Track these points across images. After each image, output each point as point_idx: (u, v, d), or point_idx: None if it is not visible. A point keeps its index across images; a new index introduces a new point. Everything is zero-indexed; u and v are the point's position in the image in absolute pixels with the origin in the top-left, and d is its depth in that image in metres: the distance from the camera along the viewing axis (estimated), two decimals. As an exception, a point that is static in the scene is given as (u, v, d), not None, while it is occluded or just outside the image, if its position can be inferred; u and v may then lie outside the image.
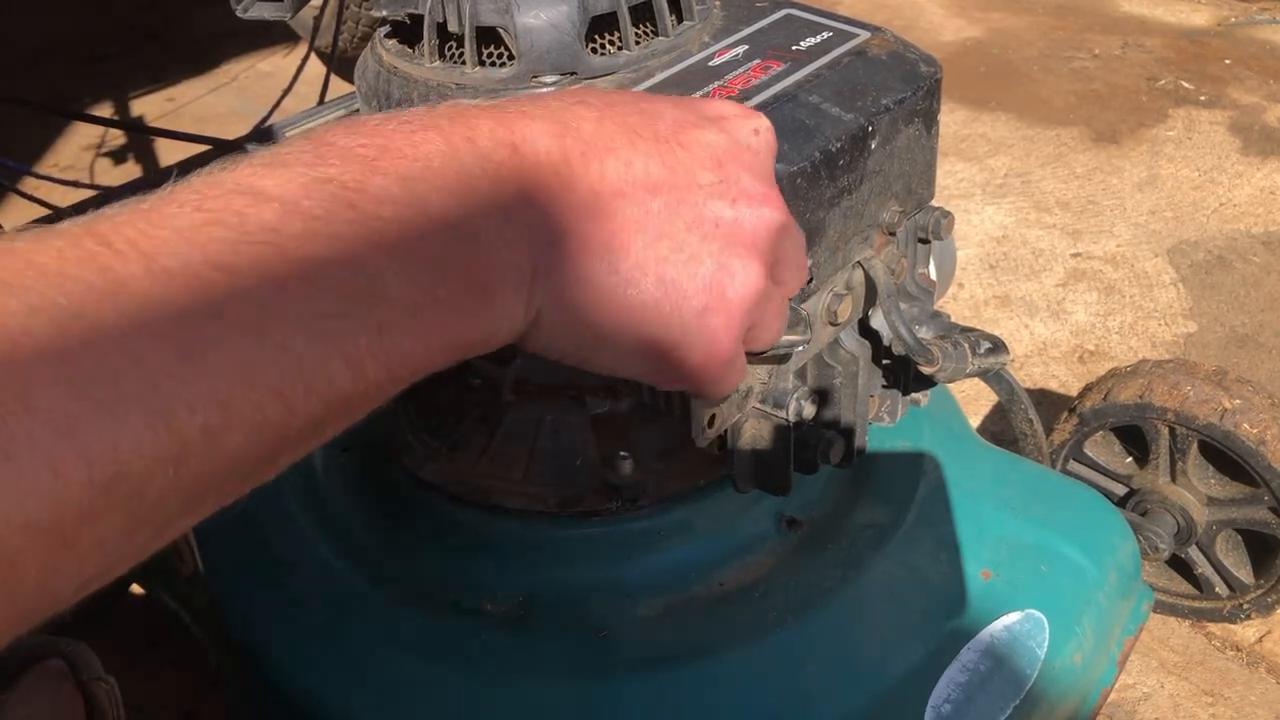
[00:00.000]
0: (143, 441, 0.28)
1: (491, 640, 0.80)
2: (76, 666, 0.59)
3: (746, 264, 0.44)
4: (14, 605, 0.26)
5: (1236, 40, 3.16)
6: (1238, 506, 1.27)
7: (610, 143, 0.41)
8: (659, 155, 0.42)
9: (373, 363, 0.34)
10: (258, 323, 0.31)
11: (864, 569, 0.85)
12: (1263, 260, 2.20)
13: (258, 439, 0.31)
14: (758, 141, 0.47)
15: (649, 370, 0.44)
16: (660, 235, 0.42)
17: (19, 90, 3.05)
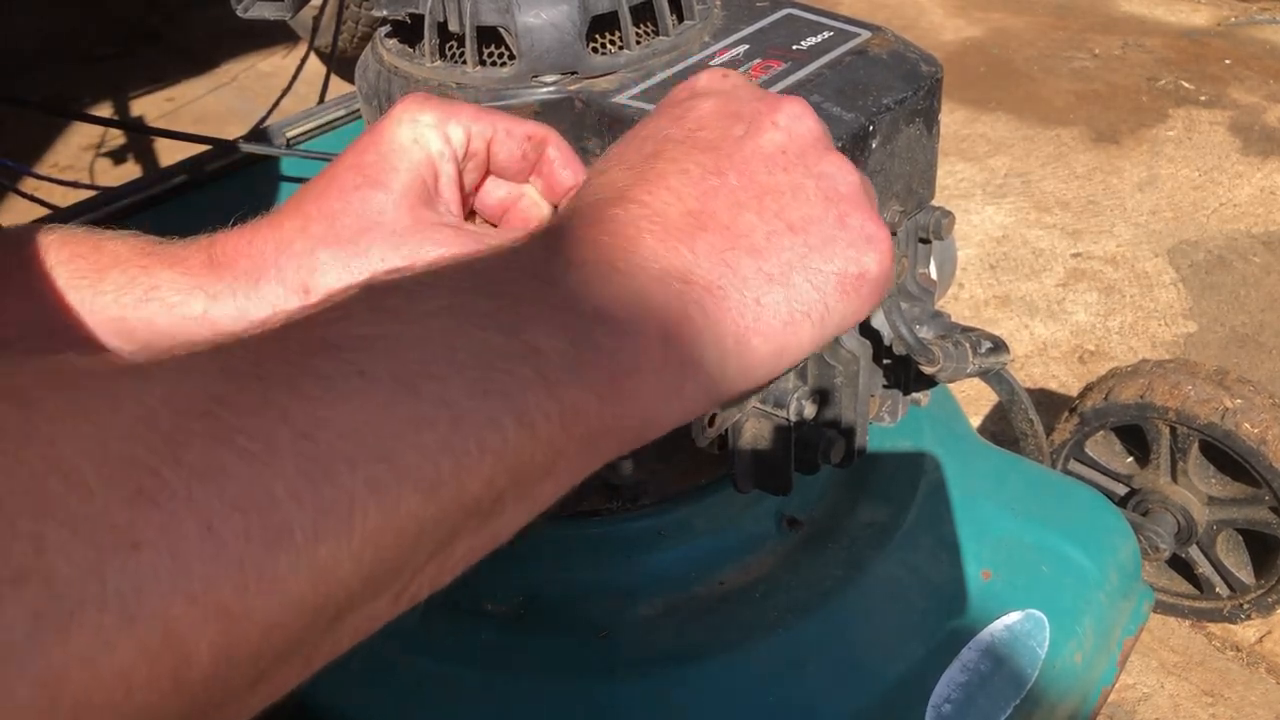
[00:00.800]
0: (303, 492, 0.26)
1: (491, 640, 0.80)
2: None
3: (825, 160, 0.44)
4: (180, 693, 0.24)
5: (1237, 40, 3.16)
6: (1238, 506, 1.27)
7: (658, 168, 0.42)
8: (694, 151, 0.42)
9: (544, 421, 0.32)
10: (408, 379, 0.29)
11: (865, 569, 0.85)
12: (1263, 260, 2.20)
13: (433, 500, 0.29)
14: (734, 79, 0.48)
15: (854, 302, 0.43)
16: (759, 194, 0.42)
17: (19, 90, 3.05)
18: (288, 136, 1.33)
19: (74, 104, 3.04)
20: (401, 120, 0.52)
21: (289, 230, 0.51)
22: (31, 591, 0.22)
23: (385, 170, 0.51)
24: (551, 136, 0.56)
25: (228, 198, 1.19)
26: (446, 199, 0.53)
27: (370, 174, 0.51)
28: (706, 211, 0.40)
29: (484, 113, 0.55)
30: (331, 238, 0.50)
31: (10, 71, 3.32)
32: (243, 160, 1.24)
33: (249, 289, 0.50)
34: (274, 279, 0.50)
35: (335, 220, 0.50)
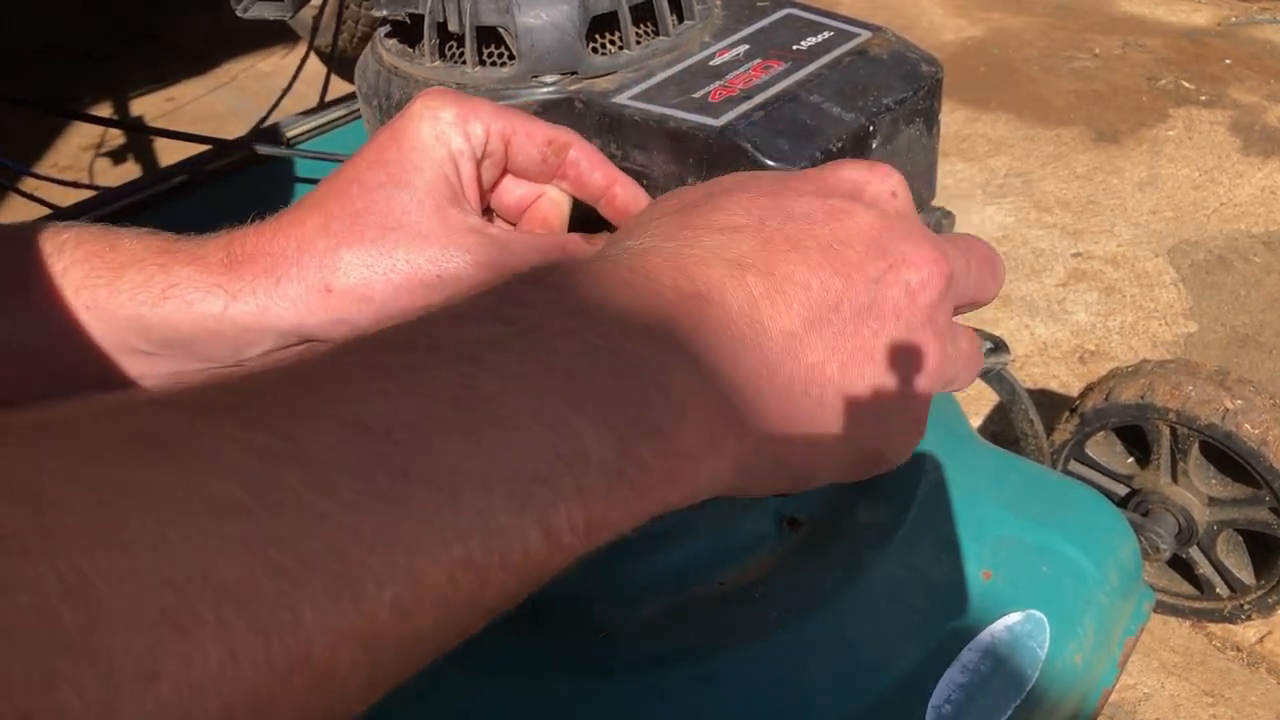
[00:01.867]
0: (328, 616, 0.25)
1: (491, 640, 0.80)
2: None
3: (928, 340, 0.42)
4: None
5: (1237, 40, 3.16)
6: (1239, 507, 1.27)
7: (786, 269, 0.39)
8: (830, 266, 0.40)
9: (570, 533, 0.32)
10: (451, 485, 0.27)
11: (865, 569, 0.85)
12: (1263, 260, 2.20)
13: (447, 613, 0.28)
14: (900, 203, 0.45)
15: (855, 474, 0.43)
16: (853, 350, 0.40)
17: (19, 90, 3.05)
18: (288, 136, 1.33)
19: (74, 104, 3.04)
20: (423, 117, 0.52)
21: (310, 228, 0.50)
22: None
23: (408, 169, 0.51)
24: (574, 140, 0.56)
25: (228, 198, 1.18)
26: (468, 197, 0.53)
27: (393, 172, 0.51)
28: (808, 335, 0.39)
29: (503, 111, 0.54)
30: (354, 237, 0.49)
31: (10, 71, 3.32)
32: (243, 160, 1.24)
33: (270, 287, 0.49)
34: (295, 277, 0.49)
35: (358, 219, 0.49)
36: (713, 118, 0.66)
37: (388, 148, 0.52)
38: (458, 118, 0.53)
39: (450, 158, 0.52)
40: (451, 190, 0.52)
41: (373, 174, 0.51)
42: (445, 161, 0.52)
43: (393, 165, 0.51)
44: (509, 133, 0.54)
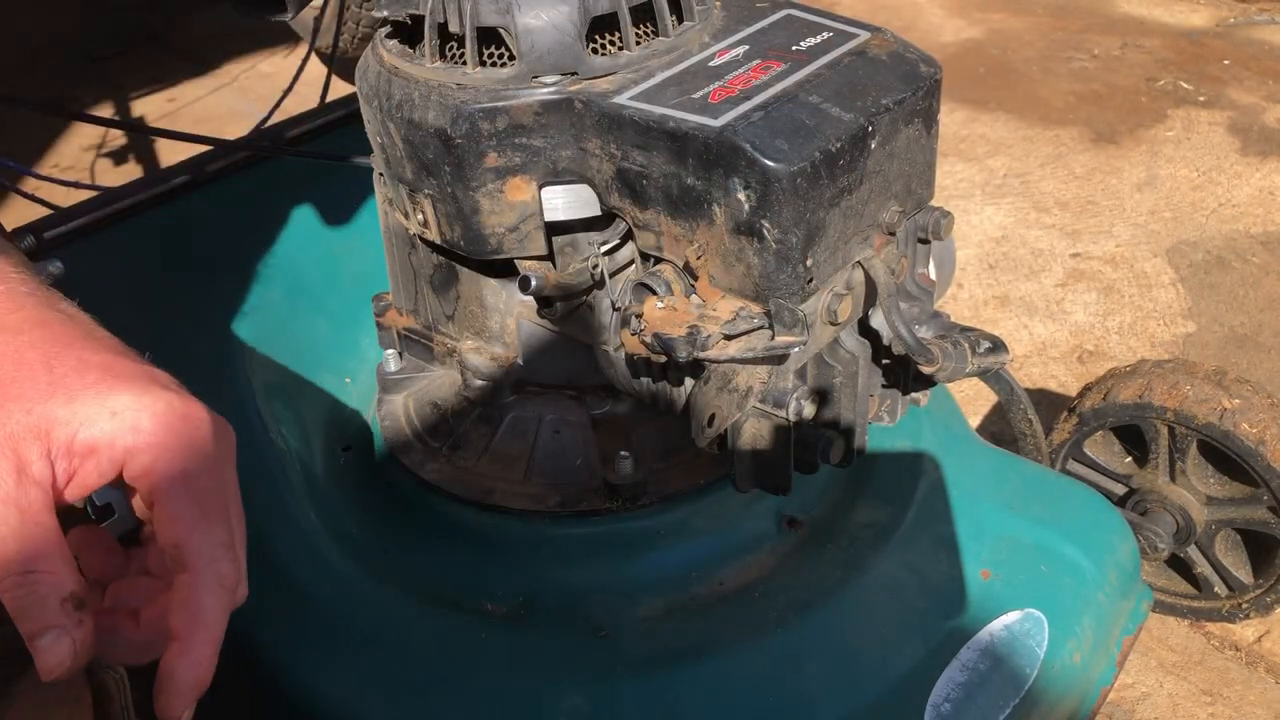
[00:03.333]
0: None
1: (491, 640, 0.80)
2: None
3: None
4: None
5: (1235, 40, 3.16)
6: (1237, 506, 1.27)
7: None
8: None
9: None
10: None
11: (864, 569, 0.85)
12: (1261, 260, 2.20)
13: None
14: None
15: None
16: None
17: (19, 90, 3.05)
18: (289, 137, 1.33)
19: (74, 104, 3.04)
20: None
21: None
22: None
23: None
24: (198, 581, 0.52)
25: (229, 198, 1.18)
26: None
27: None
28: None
29: (181, 485, 0.52)
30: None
31: (10, 71, 3.32)
32: (244, 161, 1.24)
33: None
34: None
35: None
36: (712, 118, 0.67)
37: (83, 370, 0.53)
38: (144, 434, 0.51)
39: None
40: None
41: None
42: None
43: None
44: (160, 498, 0.52)
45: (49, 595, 0.48)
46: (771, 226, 0.66)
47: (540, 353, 0.86)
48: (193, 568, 0.51)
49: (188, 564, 0.51)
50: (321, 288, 1.10)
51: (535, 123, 0.71)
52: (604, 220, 0.76)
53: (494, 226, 0.76)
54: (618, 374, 0.82)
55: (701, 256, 0.71)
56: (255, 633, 0.83)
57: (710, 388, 0.70)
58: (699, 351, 0.67)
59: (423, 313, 0.92)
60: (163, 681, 0.52)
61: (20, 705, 0.54)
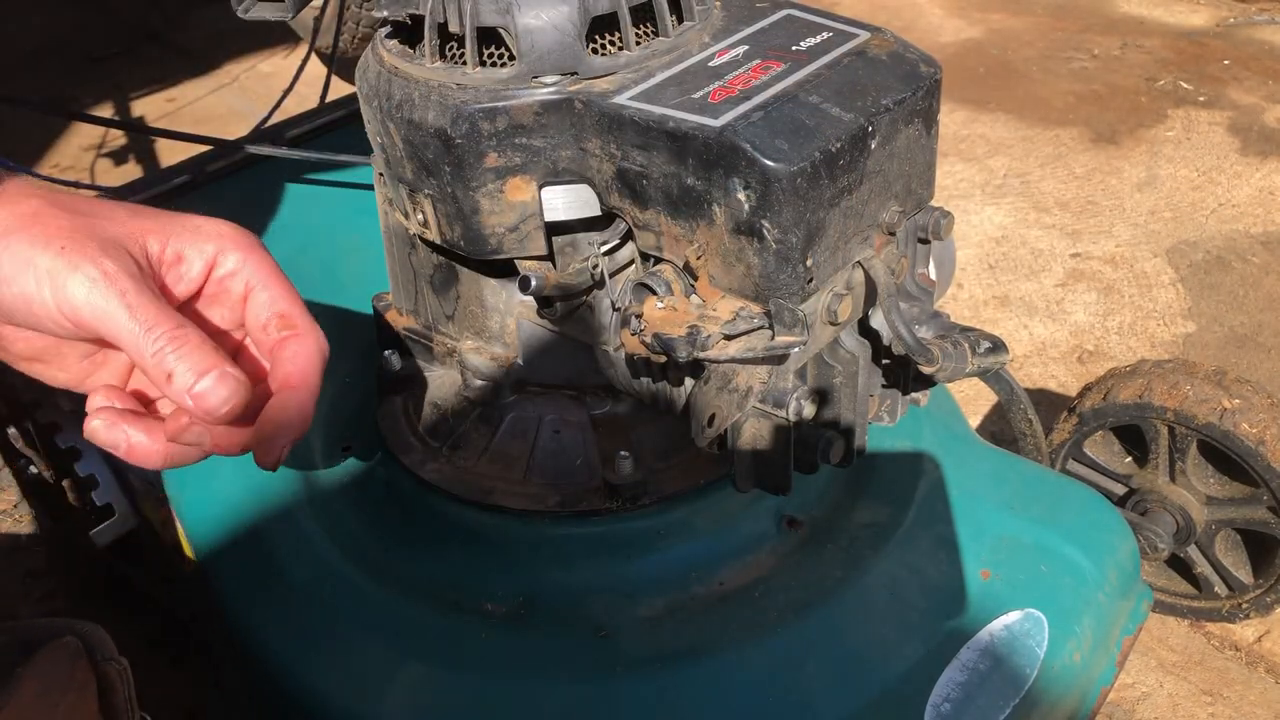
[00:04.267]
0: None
1: (491, 640, 0.80)
2: (91, 646, 0.60)
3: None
4: None
5: (1235, 41, 3.17)
6: (1237, 506, 1.27)
7: None
8: None
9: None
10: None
11: (864, 569, 0.85)
12: (1261, 260, 2.20)
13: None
14: None
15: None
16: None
17: (19, 90, 3.05)
18: (289, 137, 1.33)
19: (74, 104, 3.04)
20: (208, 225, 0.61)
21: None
22: None
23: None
24: (306, 337, 0.61)
25: (229, 198, 1.19)
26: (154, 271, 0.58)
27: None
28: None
29: (270, 272, 0.61)
30: (41, 238, 0.54)
31: (10, 71, 3.32)
32: (244, 160, 1.24)
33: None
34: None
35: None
36: (712, 118, 0.67)
37: (153, 209, 0.59)
38: (226, 239, 0.60)
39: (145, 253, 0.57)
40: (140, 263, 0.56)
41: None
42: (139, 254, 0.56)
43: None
44: (254, 285, 0.60)
45: (204, 344, 0.53)
46: (771, 226, 0.66)
47: (540, 353, 0.86)
48: (302, 328, 0.59)
49: (297, 326, 0.59)
50: (321, 288, 1.10)
51: (535, 123, 0.71)
52: (604, 220, 0.76)
53: (494, 226, 0.76)
54: (618, 374, 0.82)
55: (701, 256, 0.71)
56: (256, 632, 0.83)
57: (710, 388, 0.70)
58: (699, 351, 0.67)
59: (423, 313, 0.92)
60: (268, 424, 0.57)
61: (24, 691, 0.55)
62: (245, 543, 0.89)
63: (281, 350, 0.58)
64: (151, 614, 1.25)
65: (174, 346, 0.52)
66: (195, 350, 0.53)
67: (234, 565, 0.88)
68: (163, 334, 0.52)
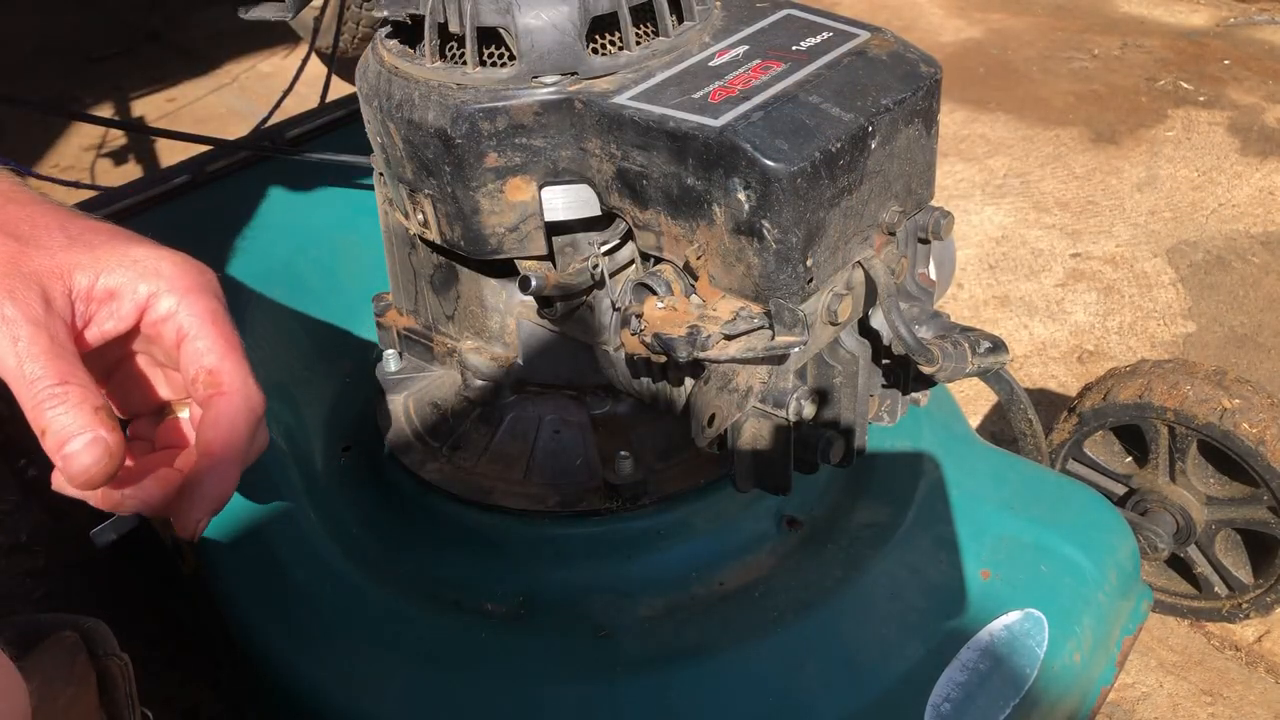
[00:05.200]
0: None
1: (491, 640, 0.80)
2: (92, 641, 0.60)
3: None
4: None
5: (1235, 41, 3.17)
6: (1237, 506, 1.27)
7: None
8: None
9: None
10: None
11: (864, 569, 0.85)
12: (1261, 260, 2.20)
13: None
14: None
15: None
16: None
17: (19, 90, 3.05)
18: (289, 137, 1.33)
19: (74, 104, 3.04)
20: (140, 253, 0.56)
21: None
22: None
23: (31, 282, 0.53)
24: (233, 398, 0.56)
25: (229, 198, 1.19)
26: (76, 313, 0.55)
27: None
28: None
29: (206, 319, 0.56)
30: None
31: (10, 71, 3.32)
32: (244, 161, 1.24)
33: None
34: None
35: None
36: (712, 118, 0.67)
37: (97, 232, 0.56)
38: (163, 279, 0.55)
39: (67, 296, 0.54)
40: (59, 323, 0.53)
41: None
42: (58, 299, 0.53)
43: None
44: (187, 333, 0.56)
45: (83, 403, 0.51)
46: (771, 226, 0.66)
47: (540, 353, 0.86)
48: (229, 387, 0.55)
49: (223, 385, 0.55)
50: (321, 288, 1.10)
51: (535, 123, 0.71)
52: (604, 220, 0.76)
53: (494, 226, 0.76)
54: (618, 374, 0.82)
55: (701, 256, 0.71)
56: (256, 632, 0.83)
57: (710, 388, 0.70)
58: (699, 351, 0.67)
59: (423, 313, 0.92)
60: (189, 491, 0.55)
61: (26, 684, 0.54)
62: (245, 543, 0.89)
63: (206, 412, 0.55)
64: (151, 614, 1.25)
65: (52, 404, 0.50)
66: (72, 409, 0.51)
67: (234, 565, 0.88)
68: (44, 389, 0.50)
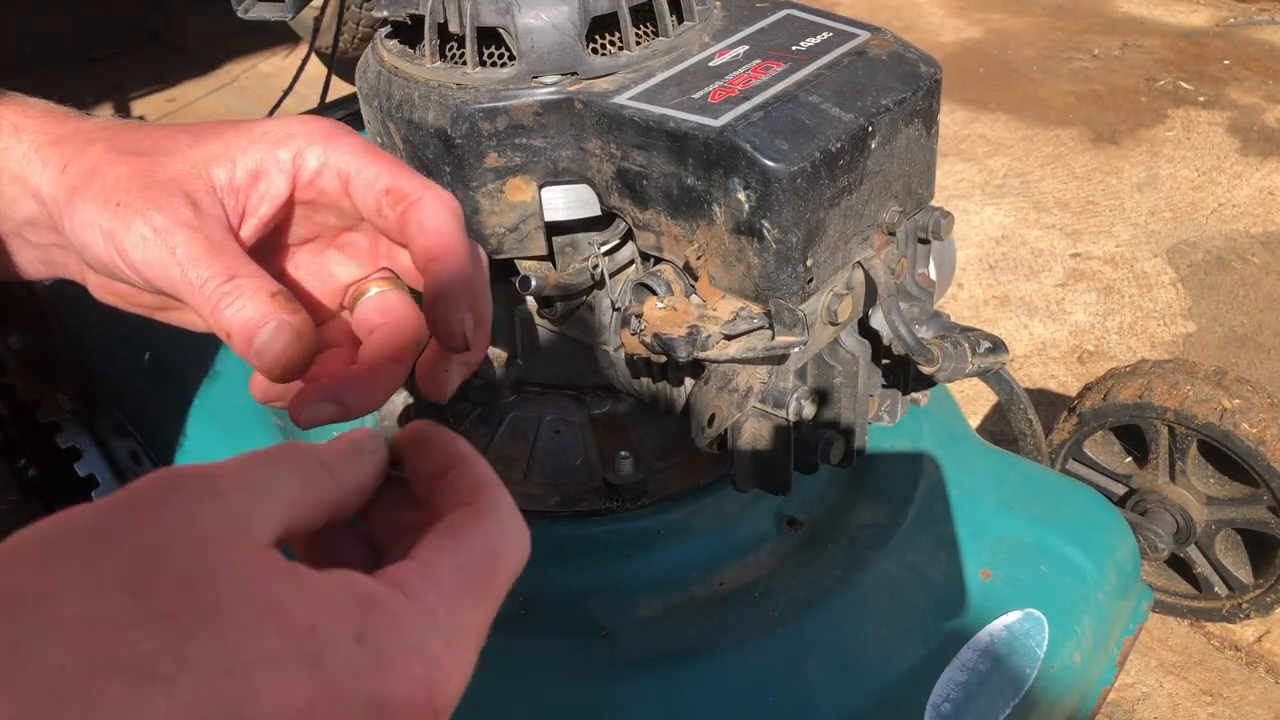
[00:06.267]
0: None
1: (491, 640, 0.80)
2: None
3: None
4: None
5: (1235, 41, 3.17)
6: (1237, 506, 1.27)
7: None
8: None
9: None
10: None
11: (864, 569, 0.85)
12: (1261, 260, 2.20)
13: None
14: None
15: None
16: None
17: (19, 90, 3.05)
18: (288, 137, 1.33)
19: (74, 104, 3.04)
20: (269, 124, 0.51)
21: (100, 156, 0.50)
22: None
23: (192, 153, 0.50)
24: (423, 201, 0.50)
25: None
26: (242, 206, 0.51)
27: (174, 144, 0.51)
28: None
29: (361, 153, 0.51)
30: (100, 196, 0.49)
31: (10, 71, 3.32)
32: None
33: (42, 160, 0.52)
34: (54, 161, 0.51)
35: (146, 190, 0.48)
36: (712, 118, 0.67)
37: (217, 125, 0.52)
38: (299, 137, 0.50)
39: (212, 190, 0.50)
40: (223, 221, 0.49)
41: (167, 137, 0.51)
42: (204, 198, 0.49)
43: (186, 137, 0.51)
44: (349, 172, 0.50)
45: (258, 292, 0.47)
46: (771, 226, 0.66)
47: (540, 353, 0.86)
48: (416, 194, 0.50)
49: (408, 195, 0.50)
50: (321, 288, 1.10)
51: (535, 123, 0.71)
52: (604, 220, 0.76)
53: (494, 226, 0.76)
54: (618, 374, 0.82)
55: (701, 256, 0.71)
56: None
57: (710, 388, 0.70)
58: (699, 351, 0.67)
59: (423, 313, 0.92)
60: (432, 311, 0.49)
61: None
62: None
63: (405, 227, 0.50)
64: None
65: (227, 302, 0.46)
66: (249, 300, 0.46)
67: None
68: (214, 290, 0.46)
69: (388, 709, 0.30)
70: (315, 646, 0.29)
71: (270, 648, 0.28)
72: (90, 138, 0.51)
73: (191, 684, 0.27)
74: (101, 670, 0.26)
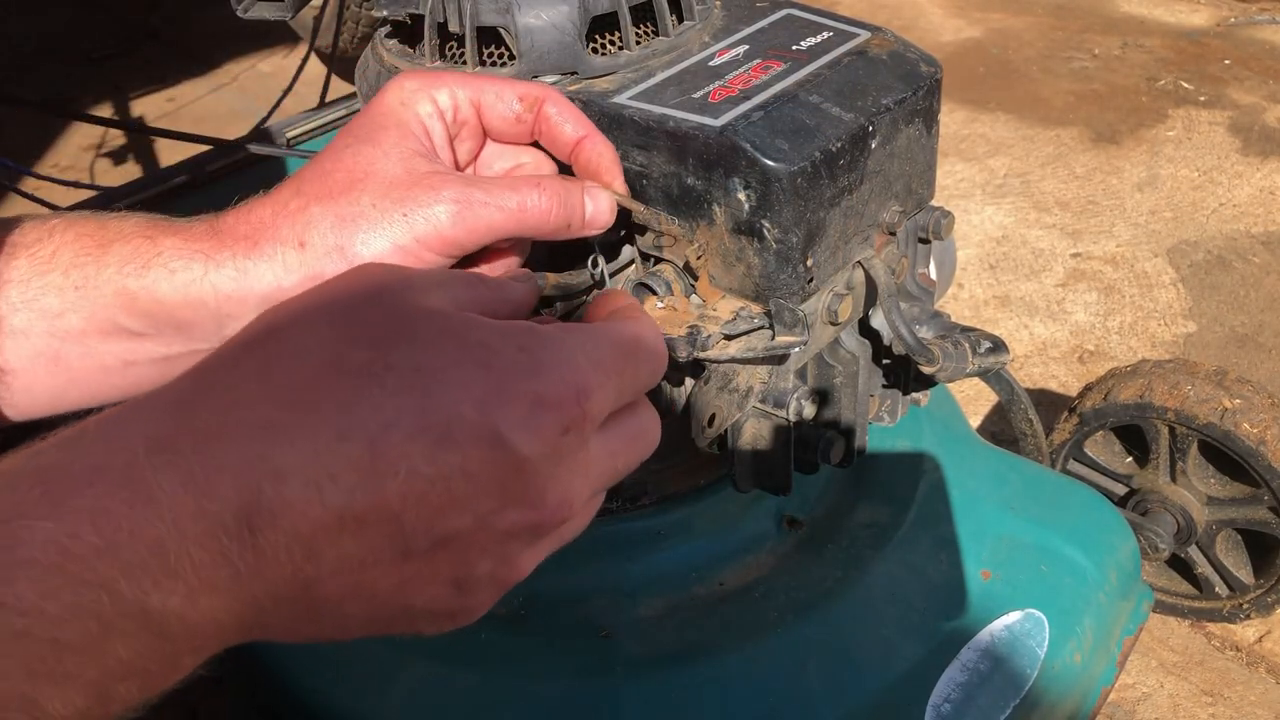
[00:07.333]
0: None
1: (491, 640, 0.80)
2: None
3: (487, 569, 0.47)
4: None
5: (1236, 40, 3.17)
6: (1238, 506, 1.27)
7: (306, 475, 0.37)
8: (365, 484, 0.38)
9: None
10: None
11: (864, 569, 0.85)
12: (1262, 260, 2.20)
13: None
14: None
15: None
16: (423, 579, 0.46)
17: (19, 90, 3.05)
18: (288, 137, 1.33)
19: (74, 104, 3.04)
20: (389, 89, 0.55)
21: (285, 194, 0.53)
22: None
23: (375, 129, 0.53)
24: (549, 93, 0.57)
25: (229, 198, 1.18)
26: (442, 159, 0.55)
27: (361, 134, 0.53)
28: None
29: (471, 78, 0.56)
30: (324, 193, 0.51)
31: (10, 71, 3.33)
32: (243, 161, 1.24)
33: (248, 250, 0.52)
34: (271, 238, 0.52)
35: (327, 178, 0.52)
36: (713, 118, 0.66)
37: (358, 119, 0.55)
38: (423, 85, 0.55)
39: (418, 119, 0.54)
40: (421, 147, 0.53)
41: (342, 139, 0.54)
42: (413, 122, 0.54)
43: (360, 129, 0.54)
44: (477, 96, 0.56)
45: (553, 179, 0.55)
46: (772, 226, 0.66)
47: (540, 353, 0.86)
48: (541, 92, 0.57)
49: (534, 93, 0.57)
50: (321, 288, 1.10)
51: (535, 122, 0.71)
52: (604, 220, 0.76)
53: (494, 226, 0.76)
54: (618, 374, 0.82)
55: (701, 256, 0.70)
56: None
57: (710, 388, 0.70)
58: (699, 351, 0.67)
59: (423, 313, 0.92)
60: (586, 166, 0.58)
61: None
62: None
63: (545, 122, 0.58)
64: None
65: (545, 202, 0.53)
66: (560, 191, 0.54)
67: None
68: (538, 207, 0.53)
69: (546, 402, 0.40)
70: (485, 355, 0.40)
71: (451, 356, 0.39)
72: (273, 217, 0.53)
73: (395, 379, 0.38)
74: (332, 372, 0.38)
